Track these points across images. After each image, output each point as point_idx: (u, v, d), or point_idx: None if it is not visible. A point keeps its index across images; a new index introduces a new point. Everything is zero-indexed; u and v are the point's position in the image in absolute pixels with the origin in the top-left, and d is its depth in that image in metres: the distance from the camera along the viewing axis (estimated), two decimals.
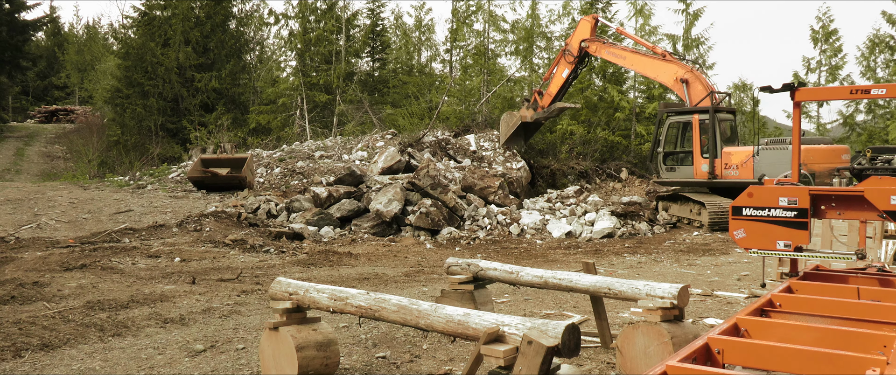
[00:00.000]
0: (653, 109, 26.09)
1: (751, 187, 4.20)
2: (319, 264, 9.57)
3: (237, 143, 23.50)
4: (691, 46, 29.10)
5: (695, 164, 15.25)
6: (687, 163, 15.54)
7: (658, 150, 15.81)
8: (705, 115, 15.11)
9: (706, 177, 14.98)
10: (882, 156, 12.28)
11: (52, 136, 34.36)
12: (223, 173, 16.70)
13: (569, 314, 6.31)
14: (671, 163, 15.86)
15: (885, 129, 27.01)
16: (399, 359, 4.80)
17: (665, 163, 15.86)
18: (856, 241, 5.41)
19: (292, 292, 4.21)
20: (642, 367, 3.93)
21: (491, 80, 27.35)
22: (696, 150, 15.22)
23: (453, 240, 12.51)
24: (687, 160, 15.56)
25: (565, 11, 29.14)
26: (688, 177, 15.43)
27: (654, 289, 4.17)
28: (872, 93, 4.65)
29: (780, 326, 3.06)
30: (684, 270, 9.31)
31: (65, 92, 46.25)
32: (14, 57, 32.13)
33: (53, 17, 46.47)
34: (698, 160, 15.16)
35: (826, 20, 29.51)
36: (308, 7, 30.03)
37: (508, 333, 3.08)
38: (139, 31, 31.78)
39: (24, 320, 5.73)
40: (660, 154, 15.81)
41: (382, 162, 15.78)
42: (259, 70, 35.59)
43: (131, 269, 8.68)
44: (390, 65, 34.55)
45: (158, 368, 4.63)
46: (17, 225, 12.38)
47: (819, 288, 3.88)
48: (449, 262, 5.51)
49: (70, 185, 17.93)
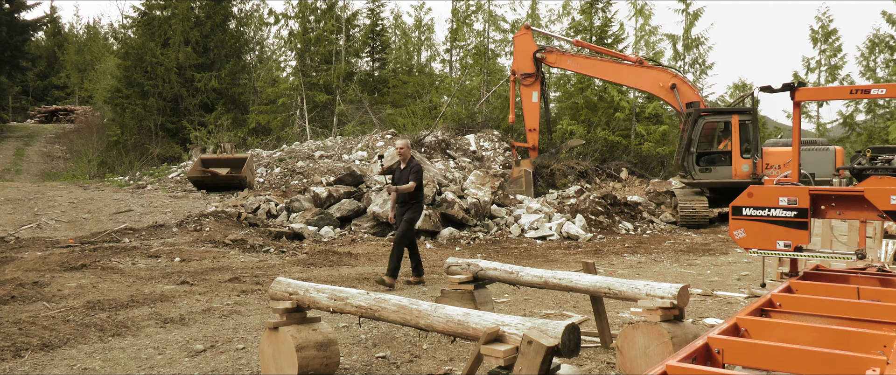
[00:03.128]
0: (653, 109, 26.11)
1: (751, 187, 4.21)
2: (319, 264, 9.57)
3: (237, 143, 23.52)
4: (691, 46, 29.13)
5: (733, 165, 14.86)
6: (724, 164, 15.12)
7: (691, 150, 15.21)
8: (746, 116, 14.85)
9: (748, 177, 14.64)
10: (882, 155, 12.26)
11: (52, 136, 34.36)
12: (223, 173, 16.71)
13: (569, 314, 6.31)
14: (705, 164, 15.40)
15: (885, 129, 27.02)
16: (399, 359, 4.80)
17: (698, 163, 15.35)
18: (856, 241, 5.42)
19: (292, 292, 4.21)
20: (642, 367, 3.93)
21: (491, 80, 27.34)
22: (736, 151, 14.83)
23: (453, 240, 12.51)
24: (723, 160, 15.15)
25: (565, 11, 29.16)
26: (725, 177, 14.99)
27: (654, 289, 4.17)
28: (872, 93, 4.66)
29: (780, 326, 3.06)
30: (684, 270, 9.31)
31: (65, 92, 46.24)
32: (14, 57, 32.13)
33: (53, 17, 46.53)
34: (738, 160, 14.80)
35: (826, 20, 29.54)
36: (308, 7, 30.03)
37: (508, 333, 3.08)
38: (139, 31, 31.78)
39: (24, 320, 5.73)
40: (693, 154, 15.23)
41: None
42: (259, 70, 35.59)
43: (131, 269, 8.68)
44: (390, 65, 34.56)
45: (158, 368, 4.63)
46: (17, 225, 12.38)
47: (819, 288, 3.88)
48: (449, 262, 5.51)
49: (70, 185, 17.93)
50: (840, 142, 27.43)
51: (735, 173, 14.88)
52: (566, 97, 28.50)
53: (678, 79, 15.76)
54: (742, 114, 14.94)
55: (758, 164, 14.59)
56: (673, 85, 15.72)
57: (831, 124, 30.31)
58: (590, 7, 27.60)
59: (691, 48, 28.91)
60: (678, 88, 15.70)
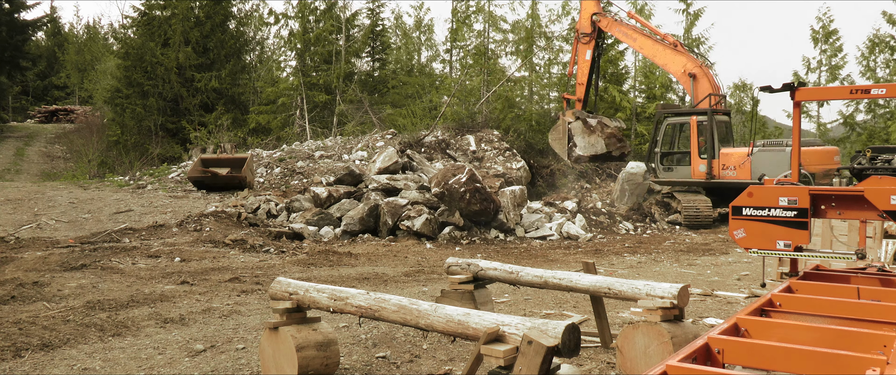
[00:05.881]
0: (653, 109, 26.10)
1: (751, 187, 4.20)
2: (319, 264, 9.56)
3: (237, 143, 23.50)
4: (692, 46, 29.13)
5: (692, 165, 15.43)
6: (684, 164, 15.70)
7: (655, 150, 15.97)
8: (703, 117, 15.26)
9: (704, 178, 15.15)
10: (882, 155, 12.29)
11: (52, 136, 34.36)
12: (223, 173, 16.70)
13: (569, 314, 6.31)
14: (668, 163, 16.00)
15: (885, 129, 27.01)
16: (399, 359, 4.80)
17: (662, 162, 16.00)
18: (856, 241, 5.41)
19: (292, 292, 4.21)
20: (642, 367, 3.93)
21: (491, 80, 27.33)
22: (694, 151, 15.37)
23: (453, 240, 12.51)
24: (684, 160, 15.70)
25: (565, 11, 29.14)
26: (685, 177, 15.60)
27: (654, 289, 4.17)
28: (872, 93, 4.65)
29: (780, 326, 3.06)
30: (684, 270, 9.31)
31: (65, 92, 46.24)
32: (14, 57, 32.13)
33: (53, 16, 46.51)
34: (696, 161, 15.31)
35: (826, 20, 29.52)
36: (308, 7, 30.03)
37: (508, 333, 3.08)
38: (139, 31, 31.77)
39: (24, 320, 5.73)
40: (657, 154, 15.98)
41: (380, 162, 15.76)
42: (259, 70, 35.58)
43: (131, 269, 8.67)
44: (390, 66, 34.55)
45: (158, 368, 4.63)
46: (17, 225, 12.38)
47: (819, 288, 3.88)
48: (449, 262, 5.51)
49: (70, 185, 17.92)
50: (840, 142, 27.44)
51: (693, 173, 15.42)
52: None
53: (701, 69, 15.90)
54: (700, 115, 15.35)
55: (713, 165, 15.04)
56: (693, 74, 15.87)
57: (831, 124, 30.31)
58: None
59: (692, 48, 28.92)
60: (697, 79, 15.86)
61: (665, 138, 16.09)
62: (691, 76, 15.89)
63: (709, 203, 14.94)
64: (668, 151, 16.14)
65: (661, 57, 16.79)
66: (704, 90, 15.80)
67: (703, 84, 15.93)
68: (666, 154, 16.12)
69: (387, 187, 13.95)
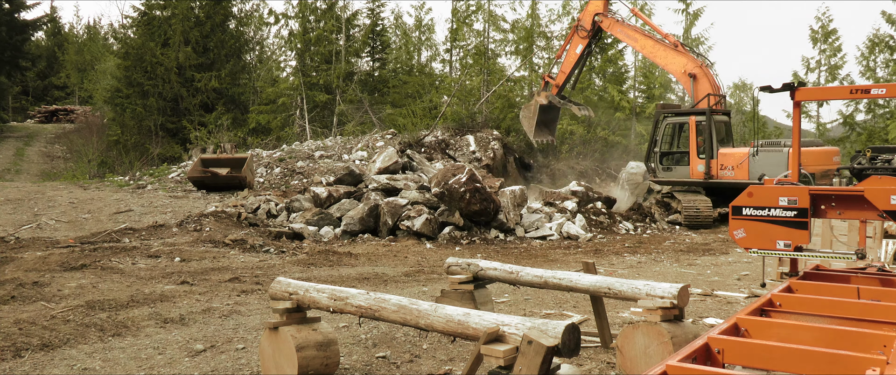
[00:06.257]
0: (652, 109, 26.11)
1: (751, 187, 4.20)
2: (319, 264, 9.56)
3: (237, 143, 23.52)
4: (692, 46, 29.13)
5: (691, 165, 15.48)
6: (683, 164, 15.74)
7: (655, 150, 16.02)
8: (702, 117, 15.29)
9: (702, 178, 15.19)
10: (882, 155, 12.31)
11: (52, 136, 34.36)
12: (223, 173, 16.70)
13: (569, 314, 6.31)
14: (667, 163, 16.05)
15: (885, 129, 27.01)
16: (399, 359, 4.80)
17: (661, 162, 16.04)
18: (856, 241, 5.41)
19: (292, 292, 4.21)
20: (642, 367, 3.93)
21: (491, 80, 27.33)
22: (693, 151, 15.41)
23: (453, 240, 12.51)
24: (683, 160, 15.74)
25: (565, 11, 29.15)
26: (684, 176, 15.64)
27: (654, 289, 4.17)
28: (872, 93, 4.65)
29: (780, 326, 3.06)
30: (684, 270, 9.31)
31: (65, 92, 46.23)
32: (14, 57, 32.14)
33: (53, 16, 46.48)
34: (695, 161, 15.35)
35: (825, 20, 29.52)
36: (308, 7, 30.04)
37: (508, 333, 3.08)
38: (139, 31, 31.79)
39: (24, 320, 5.73)
40: (656, 154, 16.03)
41: (380, 162, 15.77)
42: (259, 70, 35.59)
43: (131, 269, 8.67)
44: (390, 65, 34.56)
45: (158, 368, 4.63)
46: (17, 225, 12.38)
47: (819, 288, 3.88)
48: (449, 262, 5.51)
49: (70, 185, 17.93)
50: (840, 142, 27.43)
51: (692, 173, 15.46)
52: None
53: (701, 69, 15.91)
54: (699, 115, 15.39)
55: (711, 165, 15.08)
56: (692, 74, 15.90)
57: (831, 124, 30.31)
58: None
59: (692, 48, 28.91)
60: (697, 79, 15.88)
61: (664, 138, 16.15)
62: (691, 76, 15.92)
63: (709, 203, 14.95)
64: (667, 151, 16.19)
65: (662, 57, 16.81)
66: (704, 90, 15.82)
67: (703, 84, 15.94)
68: (665, 154, 16.17)
69: (387, 187, 13.94)
